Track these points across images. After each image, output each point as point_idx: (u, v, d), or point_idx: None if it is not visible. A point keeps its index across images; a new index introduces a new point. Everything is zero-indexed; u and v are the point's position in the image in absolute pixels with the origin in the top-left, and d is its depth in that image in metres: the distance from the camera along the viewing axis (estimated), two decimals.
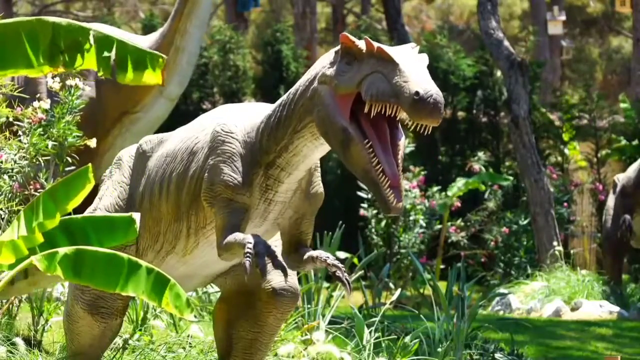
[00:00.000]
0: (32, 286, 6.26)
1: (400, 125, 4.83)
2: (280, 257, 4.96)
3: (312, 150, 5.04)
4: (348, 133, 4.74)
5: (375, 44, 4.72)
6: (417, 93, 4.52)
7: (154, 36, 10.10)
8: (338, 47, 4.88)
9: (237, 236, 5.00)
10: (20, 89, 6.53)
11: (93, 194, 6.04)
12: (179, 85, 10.03)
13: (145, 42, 10.02)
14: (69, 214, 4.90)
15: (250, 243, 4.89)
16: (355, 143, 4.73)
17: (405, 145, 4.90)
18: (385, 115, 4.68)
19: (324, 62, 4.93)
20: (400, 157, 4.81)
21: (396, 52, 4.70)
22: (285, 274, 4.96)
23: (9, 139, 6.60)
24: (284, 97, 5.10)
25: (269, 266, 5.07)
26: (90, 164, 4.87)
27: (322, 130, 4.86)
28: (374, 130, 4.77)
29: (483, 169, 16.13)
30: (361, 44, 4.75)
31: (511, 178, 16.55)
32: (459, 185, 15.51)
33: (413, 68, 4.63)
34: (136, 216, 4.89)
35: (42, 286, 6.61)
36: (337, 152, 4.83)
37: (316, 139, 4.98)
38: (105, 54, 4.78)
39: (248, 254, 4.85)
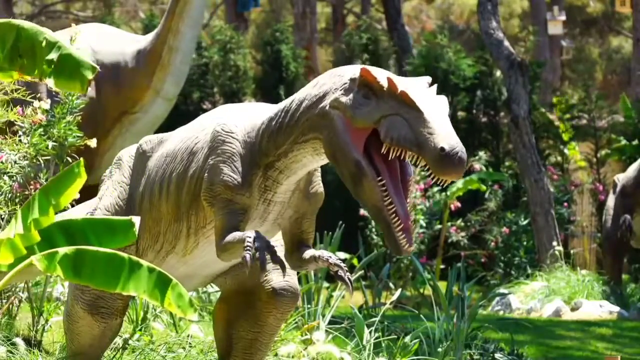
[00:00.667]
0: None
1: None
2: (280, 254, 4.95)
3: (312, 162, 5.02)
4: (361, 167, 4.68)
5: (399, 86, 4.63)
6: (442, 149, 4.46)
7: (150, 36, 10.08)
8: (354, 74, 4.78)
9: (235, 235, 5.00)
10: (19, 90, 6.52)
11: (93, 193, 6.05)
12: (175, 84, 9.99)
13: (142, 42, 10.01)
14: (64, 209, 4.88)
15: (250, 237, 4.88)
16: (368, 179, 4.68)
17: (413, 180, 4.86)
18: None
19: (336, 83, 4.84)
20: (409, 195, 4.77)
21: (419, 98, 4.60)
22: (284, 271, 4.96)
23: (10, 140, 6.59)
24: (287, 103, 5.04)
25: (270, 266, 5.05)
26: (82, 158, 4.86)
27: (330, 154, 4.80)
28: (385, 165, 4.72)
29: (484, 168, 16.12)
30: (383, 81, 4.66)
31: (507, 175, 16.54)
32: (459, 185, 15.51)
33: (437, 118, 4.55)
34: (135, 219, 4.88)
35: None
36: (345, 181, 4.76)
37: (318, 154, 4.94)
38: (48, 57, 4.78)
39: (248, 247, 4.85)
